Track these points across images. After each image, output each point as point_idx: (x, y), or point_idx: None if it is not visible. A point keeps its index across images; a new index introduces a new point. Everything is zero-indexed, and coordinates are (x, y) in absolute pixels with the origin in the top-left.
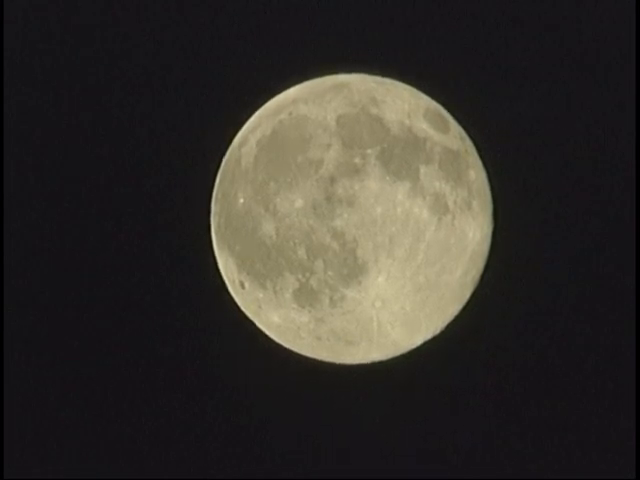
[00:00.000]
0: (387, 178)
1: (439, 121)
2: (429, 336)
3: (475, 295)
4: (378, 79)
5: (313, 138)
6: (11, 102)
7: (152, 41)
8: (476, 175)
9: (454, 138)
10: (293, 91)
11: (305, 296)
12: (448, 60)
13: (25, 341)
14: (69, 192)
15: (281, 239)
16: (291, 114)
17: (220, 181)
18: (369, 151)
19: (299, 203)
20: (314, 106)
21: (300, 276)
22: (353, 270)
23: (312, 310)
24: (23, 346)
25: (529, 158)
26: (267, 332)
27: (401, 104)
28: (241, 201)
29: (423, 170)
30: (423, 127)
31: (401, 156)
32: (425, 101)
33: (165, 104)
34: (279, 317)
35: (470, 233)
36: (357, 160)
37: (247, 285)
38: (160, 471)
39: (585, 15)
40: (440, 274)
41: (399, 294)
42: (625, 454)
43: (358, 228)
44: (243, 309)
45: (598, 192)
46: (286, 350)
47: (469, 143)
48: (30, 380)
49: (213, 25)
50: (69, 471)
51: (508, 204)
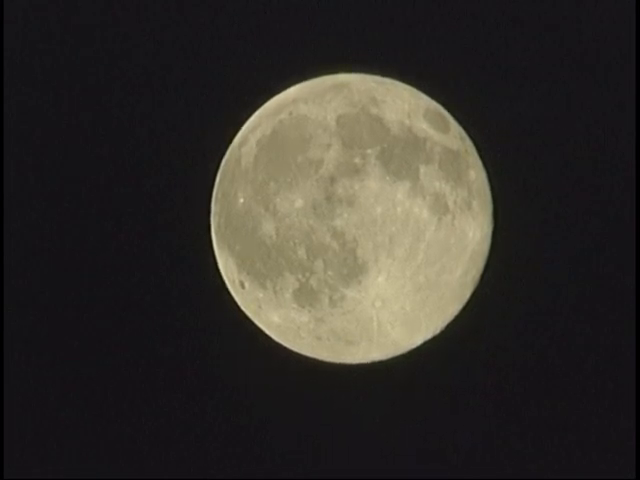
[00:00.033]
0: (387, 178)
1: (439, 121)
2: (429, 336)
3: (475, 295)
4: (378, 79)
5: (313, 138)
6: (11, 102)
7: (152, 41)
8: (476, 175)
9: (454, 138)
10: (293, 91)
11: (305, 296)
12: (448, 60)
13: (25, 341)
14: (69, 192)
15: (281, 239)
16: (291, 114)
17: (220, 181)
18: (369, 151)
19: (299, 203)
20: (314, 106)
21: (300, 276)
22: (353, 270)
23: (312, 310)
24: (23, 346)
25: (529, 158)
26: (267, 332)
27: (401, 104)
28: (241, 201)
29: (423, 170)
30: (423, 127)
31: (401, 156)
32: (425, 101)
33: (165, 104)
34: (279, 317)
35: (470, 233)
36: (357, 160)
37: (247, 285)
38: (160, 471)
39: (585, 15)
40: (440, 274)
41: (399, 294)
42: (625, 454)
43: (358, 228)
44: (243, 309)
45: (598, 192)
46: (286, 350)
47: (469, 143)
48: (30, 380)
49: (213, 25)
50: (69, 471)
51: (508, 204)
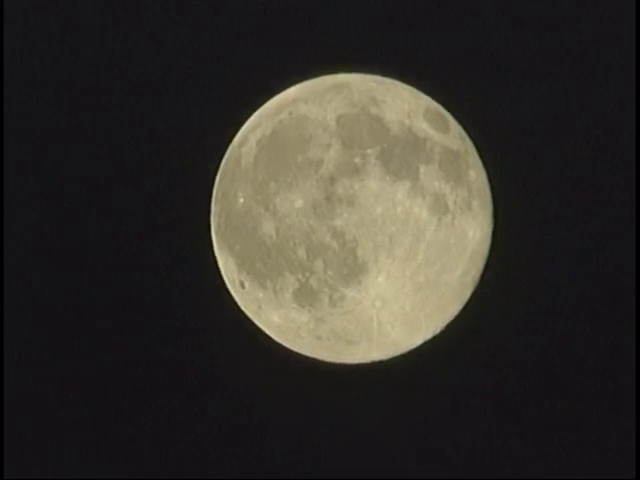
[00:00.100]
0: (387, 178)
1: (439, 121)
2: (429, 336)
3: (475, 295)
4: (378, 79)
5: (313, 138)
6: (11, 102)
7: (152, 41)
8: (476, 175)
9: (454, 138)
10: (293, 91)
11: (305, 296)
12: (448, 60)
13: (25, 341)
14: (69, 192)
15: (281, 239)
16: (291, 114)
17: (220, 181)
18: (369, 151)
19: (299, 203)
20: (314, 106)
21: (300, 276)
22: (353, 270)
23: (312, 310)
24: (23, 346)
25: (529, 158)
26: (267, 332)
27: (401, 104)
28: (241, 201)
29: (423, 170)
30: (423, 127)
31: (401, 156)
32: (425, 101)
33: (165, 104)
34: (279, 317)
35: (470, 233)
36: (357, 160)
37: (247, 285)
38: (160, 471)
39: (585, 15)
40: (440, 274)
41: (399, 294)
42: (625, 454)
43: (358, 228)
44: (243, 309)
45: (598, 192)
46: (286, 350)
47: (469, 143)
48: (30, 380)
49: (213, 25)
50: (69, 471)
51: (508, 204)
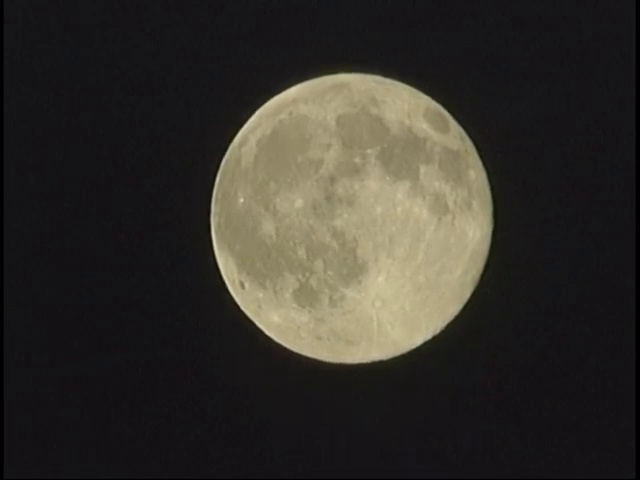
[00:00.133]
0: (387, 178)
1: (439, 121)
2: (429, 336)
3: (475, 295)
4: (378, 79)
5: (313, 138)
6: (11, 102)
7: (152, 41)
8: (476, 175)
9: (454, 138)
10: (293, 91)
11: (305, 296)
12: (448, 60)
13: (25, 341)
14: (69, 192)
15: (281, 239)
16: (291, 114)
17: (220, 181)
18: (369, 151)
19: (299, 203)
20: (314, 106)
21: (300, 276)
22: (353, 270)
23: (312, 310)
24: (23, 346)
25: (529, 158)
26: (267, 332)
27: (401, 104)
28: (241, 201)
29: (423, 170)
30: (423, 127)
31: (401, 156)
32: (425, 101)
33: (165, 104)
34: (279, 317)
35: (470, 233)
36: (357, 160)
37: (247, 285)
38: (160, 471)
39: (585, 15)
40: (440, 274)
41: (399, 294)
42: (625, 454)
43: (358, 228)
44: (243, 309)
45: (598, 192)
46: (286, 350)
47: (469, 143)
48: (30, 380)
49: (213, 25)
50: (69, 471)
51: (508, 204)
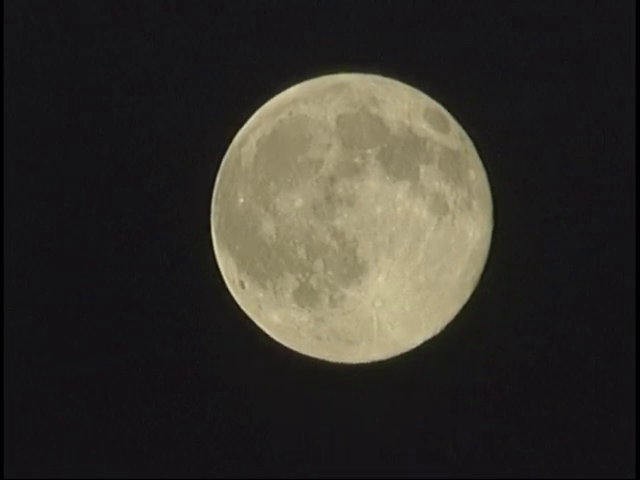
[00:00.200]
0: (387, 178)
1: (439, 121)
2: (429, 336)
3: (475, 295)
4: (378, 79)
5: (313, 138)
6: (11, 102)
7: (152, 41)
8: (476, 175)
9: (454, 138)
10: (293, 91)
11: (305, 296)
12: (448, 60)
13: (25, 341)
14: (69, 192)
15: (281, 239)
16: (291, 114)
17: (220, 181)
18: (369, 151)
19: (299, 203)
20: (314, 106)
21: (300, 276)
22: (353, 270)
23: (312, 310)
24: (23, 346)
25: (529, 158)
26: (267, 332)
27: (401, 104)
28: (241, 201)
29: (423, 170)
30: (423, 127)
31: (401, 156)
32: (425, 101)
33: (165, 104)
34: (279, 317)
35: (470, 233)
36: (357, 160)
37: (247, 285)
38: (160, 471)
39: (585, 15)
40: (440, 274)
41: (399, 294)
42: (625, 454)
43: (358, 228)
44: (243, 309)
45: (598, 192)
46: (286, 350)
47: (469, 143)
48: (30, 380)
49: (213, 25)
50: (69, 471)
51: (508, 204)
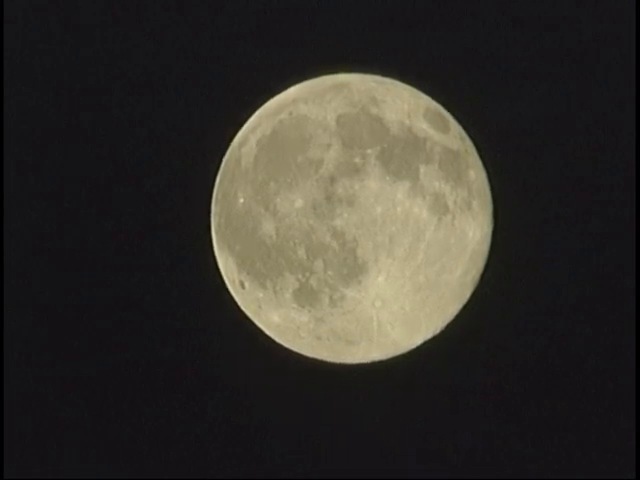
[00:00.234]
0: (387, 178)
1: (439, 121)
2: (429, 336)
3: (475, 295)
4: (378, 79)
5: (313, 138)
6: (11, 102)
7: (152, 41)
8: (476, 175)
9: (454, 138)
10: (293, 91)
11: (305, 296)
12: (448, 60)
13: (25, 341)
14: (69, 192)
15: (281, 239)
16: (291, 114)
17: (220, 181)
18: (369, 151)
19: (299, 203)
20: (314, 106)
21: (300, 276)
22: (353, 270)
23: (312, 310)
24: (23, 346)
25: (529, 158)
26: (267, 332)
27: (401, 104)
28: (241, 201)
29: (423, 170)
30: (423, 127)
31: (401, 156)
32: (425, 101)
33: (165, 104)
34: (279, 317)
35: (470, 233)
36: (357, 160)
37: (247, 285)
38: (160, 471)
39: (585, 15)
40: (440, 274)
41: (399, 294)
42: (625, 454)
43: (358, 228)
44: (243, 309)
45: (598, 192)
46: (286, 350)
47: (469, 143)
48: (30, 380)
49: (213, 25)
50: (69, 471)
51: (508, 204)
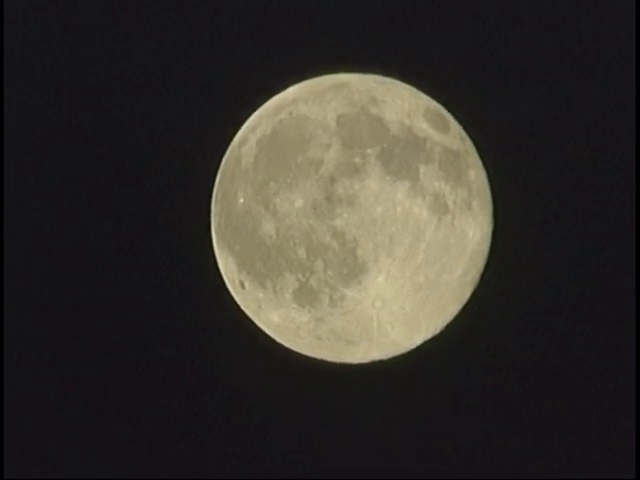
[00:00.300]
0: (387, 178)
1: (439, 121)
2: (429, 336)
3: (475, 295)
4: (378, 79)
5: (313, 138)
6: (11, 102)
7: (152, 41)
8: (476, 175)
9: (454, 138)
10: (293, 91)
11: (305, 296)
12: (448, 60)
13: (25, 341)
14: (69, 192)
15: (281, 239)
16: (291, 114)
17: (220, 181)
18: (369, 151)
19: (299, 203)
20: (314, 106)
21: (300, 276)
22: (353, 270)
23: (312, 310)
24: (23, 346)
25: (529, 158)
26: (267, 332)
27: (401, 104)
28: (241, 201)
29: (423, 170)
30: (423, 127)
31: (401, 156)
32: (425, 101)
33: (165, 104)
34: (279, 317)
35: (470, 233)
36: (357, 160)
37: (247, 285)
38: (160, 471)
39: (585, 15)
40: (440, 274)
41: (399, 294)
42: (625, 454)
43: (358, 228)
44: (243, 309)
45: (598, 192)
46: (286, 350)
47: (469, 143)
48: (30, 380)
49: (213, 25)
50: (69, 471)
51: (508, 204)
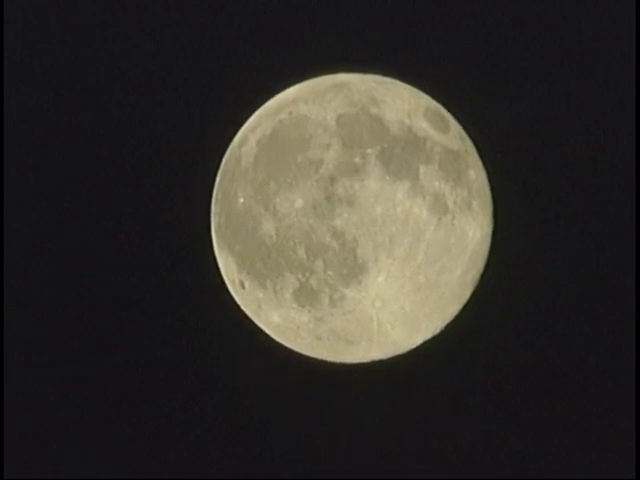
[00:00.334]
0: (387, 178)
1: (439, 121)
2: (429, 336)
3: (475, 295)
4: (378, 78)
5: (313, 138)
6: (11, 102)
7: (152, 41)
8: (476, 175)
9: (454, 138)
10: (293, 91)
11: (305, 296)
12: (448, 60)
13: (25, 341)
14: (69, 192)
15: (281, 239)
16: (291, 114)
17: (220, 181)
18: (369, 151)
19: (299, 203)
20: (314, 106)
21: (300, 276)
22: (353, 270)
23: (312, 310)
24: (23, 346)
25: (529, 158)
26: (267, 332)
27: (401, 103)
28: (241, 201)
29: (423, 170)
30: (423, 127)
31: (401, 156)
32: (425, 100)
33: (165, 104)
34: (279, 317)
35: (470, 233)
36: (357, 160)
37: (247, 285)
38: (160, 471)
39: (585, 15)
40: (440, 274)
41: (399, 294)
42: (625, 454)
43: (358, 228)
44: (243, 309)
45: (598, 192)
46: (286, 350)
47: (469, 143)
48: (30, 380)
49: (213, 25)
50: (69, 471)
51: (508, 204)
